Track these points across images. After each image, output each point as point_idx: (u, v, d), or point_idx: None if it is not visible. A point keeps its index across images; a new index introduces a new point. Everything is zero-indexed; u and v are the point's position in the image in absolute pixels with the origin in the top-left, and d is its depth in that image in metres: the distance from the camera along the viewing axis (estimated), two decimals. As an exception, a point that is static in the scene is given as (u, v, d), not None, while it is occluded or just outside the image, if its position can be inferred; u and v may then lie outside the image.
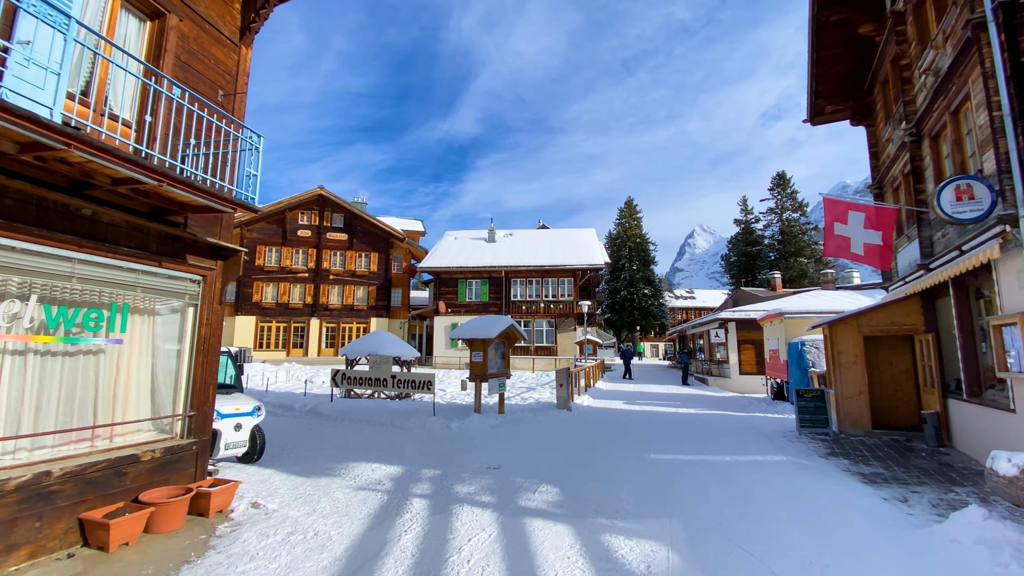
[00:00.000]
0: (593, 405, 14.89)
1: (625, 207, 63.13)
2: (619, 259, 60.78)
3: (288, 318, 31.77)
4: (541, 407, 13.62)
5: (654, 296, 59.17)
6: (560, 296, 30.36)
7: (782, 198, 60.01)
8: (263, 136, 5.22)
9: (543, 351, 29.96)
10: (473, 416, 10.90)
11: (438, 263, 31.23)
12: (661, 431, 10.67)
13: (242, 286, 31.37)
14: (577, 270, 30.04)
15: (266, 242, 32.12)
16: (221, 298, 5.80)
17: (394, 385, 11.31)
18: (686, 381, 24.61)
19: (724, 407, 15.53)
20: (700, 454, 8.44)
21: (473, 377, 11.39)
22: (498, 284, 30.96)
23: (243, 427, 7.18)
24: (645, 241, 60.50)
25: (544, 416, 12.15)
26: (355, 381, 12.01)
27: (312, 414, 11.75)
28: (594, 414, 13.06)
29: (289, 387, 20.30)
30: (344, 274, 32.90)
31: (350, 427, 10.51)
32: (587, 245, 32.77)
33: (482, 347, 11.34)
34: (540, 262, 30.33)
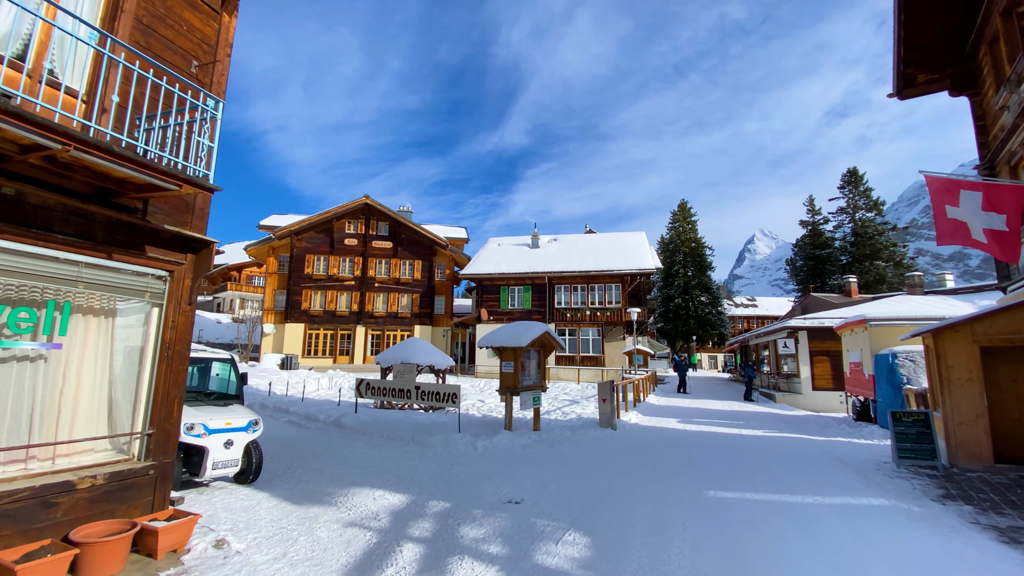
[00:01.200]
0: (642, 423, 13.32)
1: (678, 210, 60.23)
2: (672, 265, 57.91)
3: (335, 326, 32.02)
4: (582, 424, 12.24)
5: (711, 304, 55.79)
6: (607, 303, 28.71)
7: (854, 196, 54.91)
8: (222, 100, 4.38)
9: (589, 361, 28.36)
10: (503, 434, 9.73)
11: (480, 270, 30.47)
12: (723, 458, 9.04)
13: (292, 294, 31.96)
14: (625, 275, 28.29)
15: (315, 251, 32.64)
16: (191, 297, 5.00)
17: (418, 397, 10.39)
18: (749, 397, 22.27)
19: (797, 428, 13.49)
20: (774, 492, 6.83)
21: (503, 390, 10.25)
22: (541, 291, 29.73)
23: (235, 444, 6.39)
24: (701, 245, 57.32)
25: (584, 435, 10.78)
26: (379, 391, 11.20)
27: (335, 426, 11.02)
28: (642, 434, 11.53)
29: (327, 395, 19.99)
30: (389, 282, 32.86)
31: (369, 442, 9.63)
32: (636, 249, 30.95)
33: (513, 356, 10.18)
34: (585, 267, 28.84)
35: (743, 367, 24.36)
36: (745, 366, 23.98)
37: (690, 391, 25.70)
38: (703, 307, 55.25)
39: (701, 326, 55.23)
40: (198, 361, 7.19)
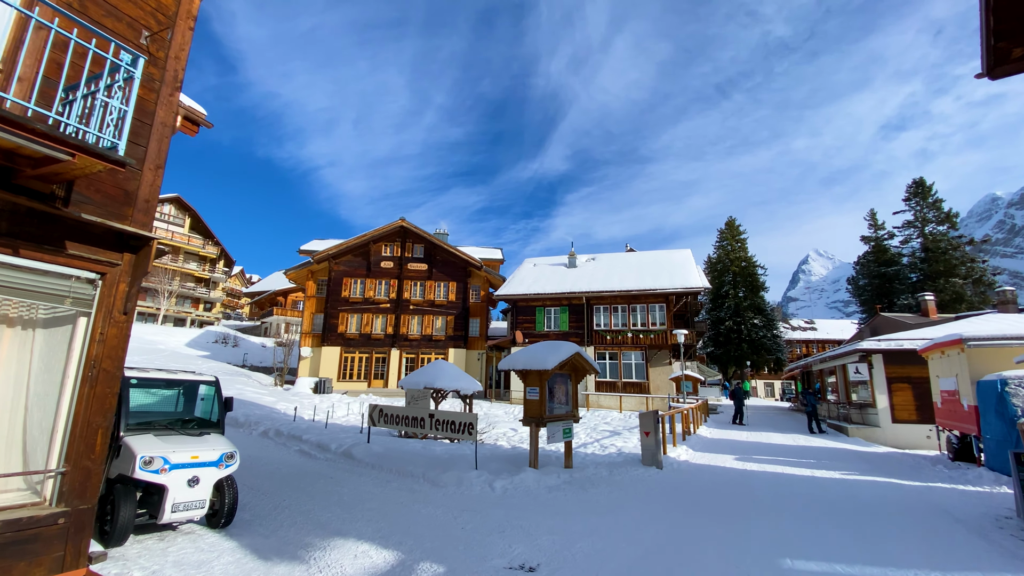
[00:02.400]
0: (693, 460, 11.59)
1: (726, 228, 57.40)
2: (721, 286, 54.85)
3: (370, 349, 31.65)
4: (622, 461, 10.69)
5: (766, 327, 52.16)
6: (651, 325, 26.84)
7: (922, 209, 50.30)
8: (143, 57, 3.56)
9: (632, 388, 26.42)
10: (526, 472, 8.40)
11: (514, 290, 29.39)
12: (796, 509, 7.32)
13: (328, 317, 31.96)
14: (670, 294, 26.43)
15: (352, 274, 32.69)
16: (126, 304, 4.15)
17: (432, 426, 9.26)
18: (813, 428, 19.79)
19: (881, 469, 11.35)
20: (873, 563, 5.17)
21: (528, 420, 8.96)
22: (579, 312, 28.23)
23: (202, 481, 5.45)
24: (752, 264, 54.10)
25: (624, 475, 9.26)
26: (392, 419, 10.16)
27: (344, 457, 10.02)
28: (694, 475, 9.86)
29: (355, 420, 19.19)
30: (423, 304, 32.32)
31: (375, 478, 8.53)
32: (682, 267, 29.04)
33: (538, 381, 8.91)
34: (626, 286, 27.20)
35: (804, 395, 21.77)
36: (806, 394, 21.40)
37: (747, 422, 23.33)
38: (756, 330, 51.71)
39: (755, 351, 51.60)
40: (174, 384, 6.38)
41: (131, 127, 4.10)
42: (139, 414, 5.87)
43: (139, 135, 4.30)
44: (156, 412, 6.11)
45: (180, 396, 6.48)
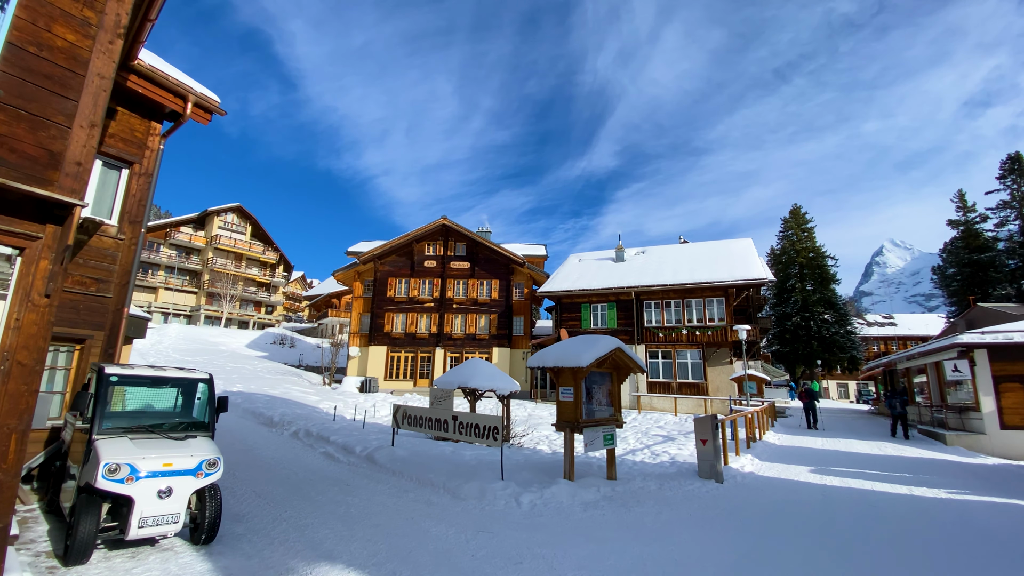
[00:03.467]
0: (760, 472, 10.02)
1: (791, 217, 53.25)
2: (787, 279, 50.91)
3: (415, 348, 31.48)
4: (676, 472, 9.35)
5: (838, 322, 47.87)
6: (708, 320, 24.80)
7: (1020, 187, 44.28)
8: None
9: (688, 389, 24.50)
10: (560, 484, 7.30)
11: (558, 287, 28.16)
12: (902, 544, 5.78)
13: (375, 317, 32.09)
14: (730, 287, 24.28)
15: (396, 274, 32.68)
16: (48, 285, 3.47)
17: (455, 428, 8.35)
18: (895, 433, 17.46)
19: (995, 487, 9.28)
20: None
21: (561, 424, 7.86)
22: (627, 308, 26.58)
23: (175, 492, 4.79)
24: (820, 255, 49.84)
25: (677, 490, 7.96)
26: (414, 421, 9.35)
27: (366, 461, 9.33)
28: (761, 491, 8.37)
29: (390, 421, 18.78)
30: (466, 303, 31.77)
31: (391, 487, 7.73)
32: (742, 257, 26.72)
33: (572, 379, 7.78)
34: (679, 280, 25.28)
35: (888, 397, 19.21)
36: (890, 395, 18.72)
37: (822, 426, 20.93)
38: (827, 326, 47.54)
39: (826, 348, 47.45)
40: (160, 382, 5.81)
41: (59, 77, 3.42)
42: (119, 416, 5.32)
43: (68, 87, 3.63)
44: (138, 413, 5.55)
45: (167, 396, 5.92)
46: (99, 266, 7.65)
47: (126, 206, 8.06)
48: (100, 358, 7.46)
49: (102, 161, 7.93)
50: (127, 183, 8.15)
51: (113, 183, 8.07)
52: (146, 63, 7.88)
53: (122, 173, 8.16)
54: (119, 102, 8.08)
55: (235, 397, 17.43)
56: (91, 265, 7.56)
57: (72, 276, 7.32)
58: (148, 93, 8.07)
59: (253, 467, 8.87)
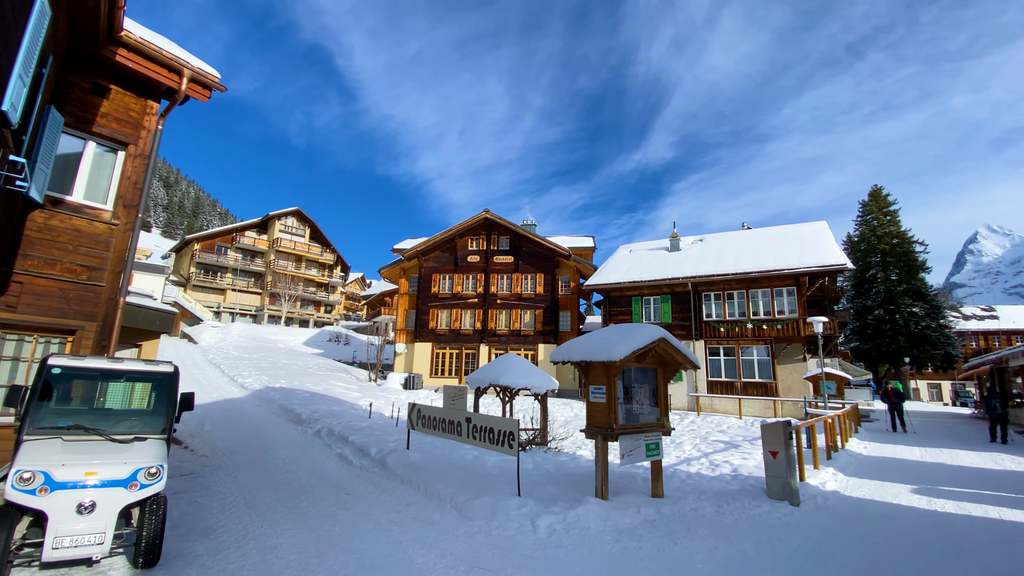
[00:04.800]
0: (846, 491, 8.16)
1: (870, 199, 48.09)
2: (867, 268, 45.99)
3: (460, 345, 30.86)
4: (738, 489, 7.74)
5: (929, 315, 42.58)
6: (777, 313, 22.25)
7: None
8: None
9: (754, 389, 22.09)
10: (589, 503, 5.99)
11: (607, 279, 26.42)
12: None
13: (420, 314, 31.80)
14: (802, 275, 21.61)
15: (440, 270, 32.22)
16: None
17: (468, 433, 7.20)
18: (995, 438, 15.28)
19: None
20: None
21: (591, 431, 6.52)
22: (683, 300, 24.41)
23: (99, 507, 3.97)
24: (907, 241, 44.58)
25: (739, 516, 6.40)
26: (429, 422, 8.32)
27: (377, 466, 8.43)
28: (851, 519, 6.61)
29: (432, 420, 18.03)
30: (511, 298, 30.72)
31: (394, 498, 6.73)
32: (815, 242, 23.83)
33: (604, 376, 6.43)
34: (743, 268, 22.86)
35: (986, 397, 16.41)
36: (990, 396, 15.99)
37: (913, 430, 18.32)
38: (916, 320, 42.40)
39: (915, 344, 42.34)
40: (112, 375, 5.08)
41: None
42: (58, 413, 4.62)
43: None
44: (83, 411, 4.84)
45: (120, 391, 5.19)
46: (91, 253, 7.20)
47: (121, 190, 7.59)
48: (92, 350, 6.99)
49: (95, 143, 7.51)
50: (122, 166, 7.69)
51: (108, 166, 7.62)
52: (135, 35, 7.35)
53: (118, 155, 7.71)
54: (111, 80, 7.62)
55: (274, 394, 17.31)
56: (82, 252, 7.11)
57: (60, 263, 6.89)
58: (140, 68, 7.55)
59: (257, 469, 8.20)
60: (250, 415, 13.87)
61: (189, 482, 7.23)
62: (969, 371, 28.19)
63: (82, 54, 7.25)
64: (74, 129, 7.28)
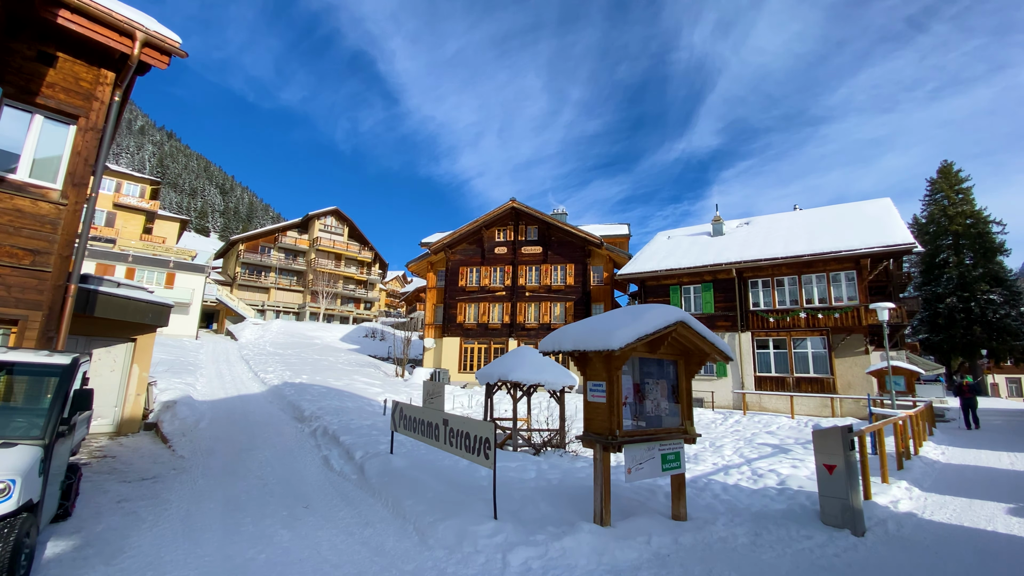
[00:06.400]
0: (925, 515, 6.45)
1: (940, 177, 43.60)
2: (937, 252, 41.80)
3: (488, 339, 29.89)
4: (784, 509, 6.23)
5: (1009, 302, 38.09)
6: (834, 300, 19.88)
7: None
8: None
9: (809, 385, 19.85)
10: (582, 531, 4.72)
11: (642, 268, 24.62)
12: None
13: (448, 308, 31.07)
14: (863, 257, 19.15)
15: (467, 263, 31.34)
16: None
17: (446, 438, 6.04)
18: None
19: None
20: None
21: (588, 437, 5.23)
22: (727, 288, 22.32)
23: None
24: (982, 220, 40.09)
25: (783, 550, 4.95)
26: (410, 423, 7.24)
27: (356, 471, 7.45)
28: (937, 555, 5.00)
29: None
30: (540, 290, 29.41)
31: (354, 515, 5.69)
32: (878, 220, 21.17)
33: (604, 371, 5.12)
34: (795, 251, 20.57)
35: None
36: None
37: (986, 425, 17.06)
38: (994, 307, 38.02)
39: (993, 335, 37.98)
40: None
41: None
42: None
43: None
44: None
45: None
46: (36, 235, 6.55)
47: (71, 167, 6.93)
48: (38, 342, 6.34)
49: (42, 115, 6.87)
50: (72, 140, 7.03)
51: (57, 141, 6.98)
52: (79, -7, 6.64)
53: (68, 129, 7.06)
54: (59, 47, 6.96)
55: (289, 389, 16.85)
56: (24, 234, 6.46)
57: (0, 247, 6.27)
58: (87, 32, 6.83)
59: (226, 474, 7.40)
60: (256, 412, 13.33)
61: (144, 488, 6.48)
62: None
63: (22, 18, 6.61)
64: (16, 101, 6.65)
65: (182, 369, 19.15)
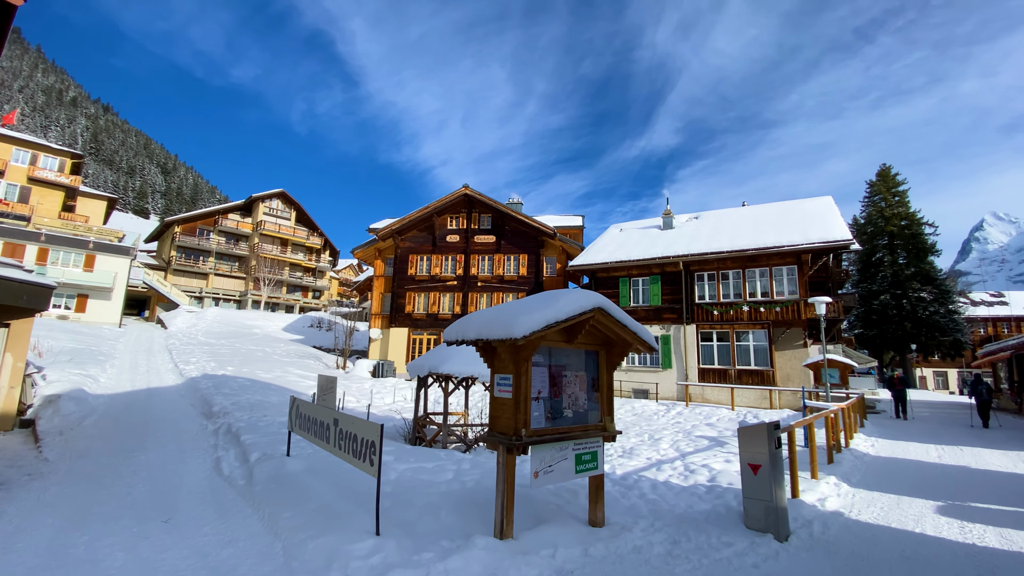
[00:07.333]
0: (853, 514, 6.21)
1: (878, 180, 45.78)
2: (873, 251, 43.88)
3: (438, 330, 28.96)
4: (708, 510, 5.82)
5: (938, 300, 40.50)
6: (776, 294, 20.23)
7: None
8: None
9: (750, 377, 20.15)
10: (476, 546, 4.07)
11: (593, 259, 24.37)
12: None
13: (396, 297, 29.91)
14: (804, 252, 19.52)
15: (417, 251, 30.23)
16: None
17: (336, 440, 5.27)
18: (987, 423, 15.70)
19: None
20: None
21: (493, 437, 4.59)
22: (675, 281, 22.36)
23: None
24: (916, 222, 42.40)
25: (700, 560, 4.46)
26: (306, 423, 6.41)
27: (245, 476, 6.54)
28: (864, 562, 4.67)
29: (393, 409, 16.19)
30: (492, 280, 28.74)
31: (225, 526, 4.85)
32: (820, 217, 21.69)
33: (511, 362, 4.48)
34: (740, 245, 20.77)
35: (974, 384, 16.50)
36: (976, 383, 16.41)
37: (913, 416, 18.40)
38: (924, 305, 40.35)
39: (923, 331, 40.32)
40: None
41: None
42: None
43: None
44: None
45: None
46: None
47: None
48: None
49: None
50: None
51: None
52: None
53: None
54: None
55: (207, 382, 15.45)
56: None
57: None
58: None
59: (90, 480, 6.33)
60: (159, 407, 12.01)
61: (-31, 502, 5.35)
62: (986, 357, 26.18)
63: None
64: None
65: (89, 359, 17.29)
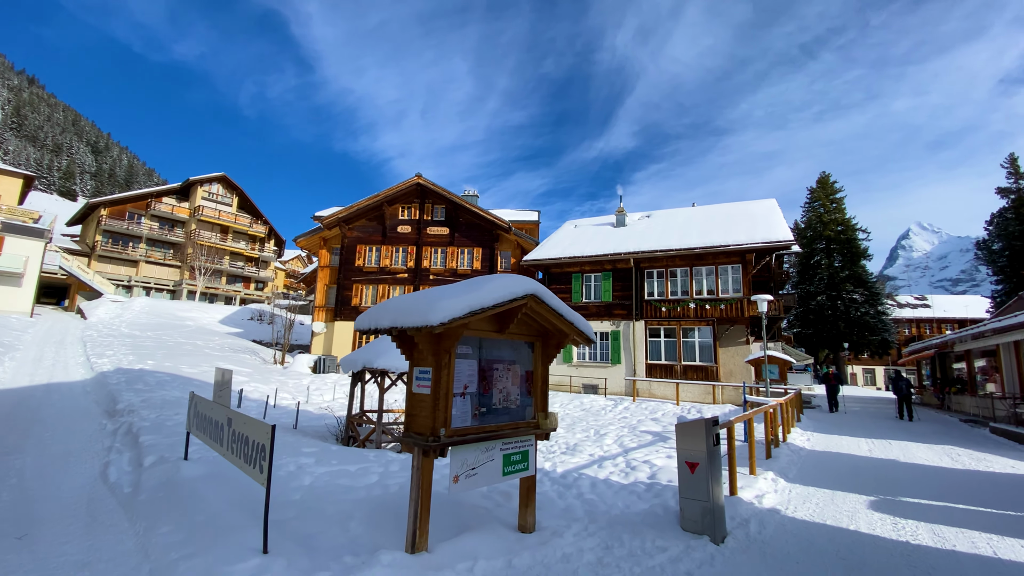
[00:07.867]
0: (789, 511, 6.12)
1: (818, 187, 48.26)
2: (812, 255, 46.24)
3: (386, 325, 27.93)
4: (645, 513, 5.53)
5: (868, 302, 43.21)
6: (721, 292, 20.67)
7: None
8: None
9: (695, 373, 20.52)
10: (380, 563, 3.55)
11: (547, 255, 24.16)
12: None
13: (341, 289, 28.62)
14: (748, 252, 20.03)
15: (366, 241, 29.03)
16: None
17: (229, 441, 4.61)
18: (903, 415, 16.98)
19: None
20: None
21: (408, 438, 4.07)
22: (626, 278, 22.49)
23: None
24: (851, 228, 45.00)
25: (632, 568, 4.13)
26: (203, 422, 5.66)
27: (132, 483, 5.70)
28: (799, 563, 4.49)
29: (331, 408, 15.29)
30: (445, 273, 28.02)
31: (90, 542, 4.10)
32: (764, 218, 22.37)
33: (430, 354, 3.98)
34: (688, 243, 21.09)
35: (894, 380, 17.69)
36: (897, 379, 17.53)
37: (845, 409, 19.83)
38: (856, 306, 42.94)
39: (854, 330, 42.88)
40: None
41: None
42: None
43: None
44: None
45: None
46: None
47: None
48: None
49: None
50: None
51: None
52: None
53: None
54: None
55: (119, 377, 14.00)
56: None
57: None
58: None
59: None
60: (57, 404, 10.67)
61: None
62: (911, 356, 27.97)
63: None
64: None
65: (-20, 351, 15.35)
